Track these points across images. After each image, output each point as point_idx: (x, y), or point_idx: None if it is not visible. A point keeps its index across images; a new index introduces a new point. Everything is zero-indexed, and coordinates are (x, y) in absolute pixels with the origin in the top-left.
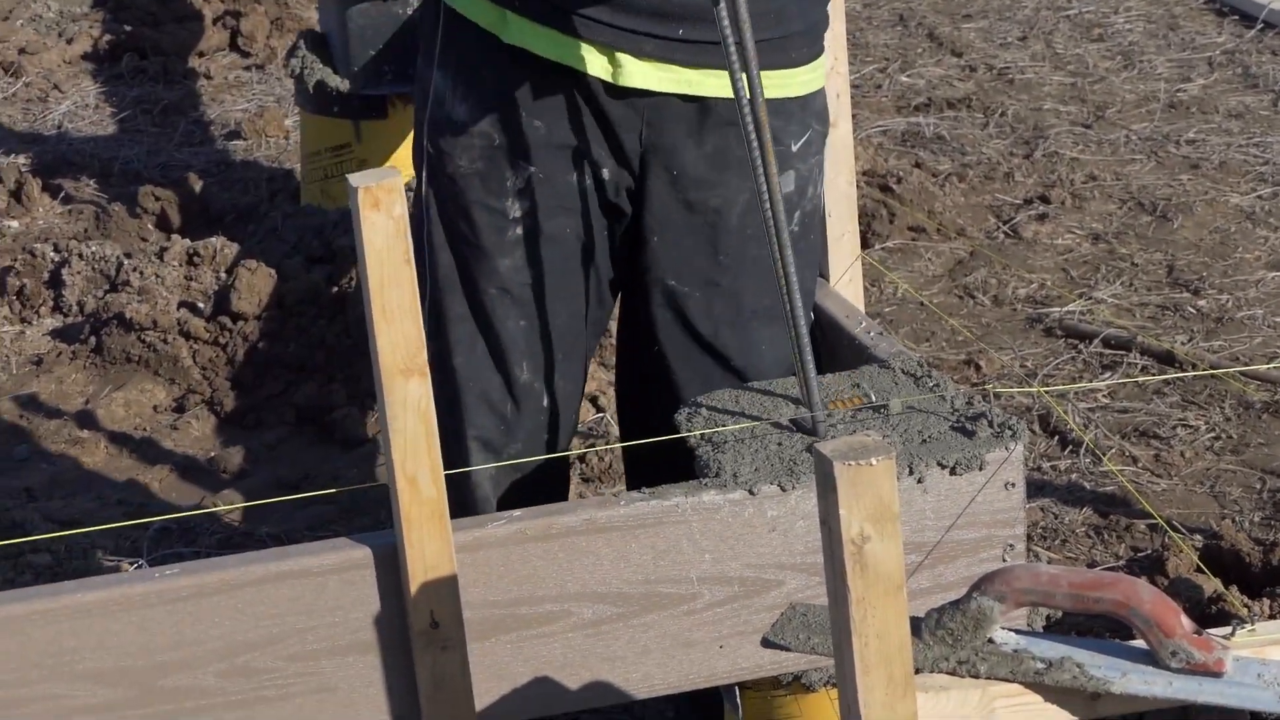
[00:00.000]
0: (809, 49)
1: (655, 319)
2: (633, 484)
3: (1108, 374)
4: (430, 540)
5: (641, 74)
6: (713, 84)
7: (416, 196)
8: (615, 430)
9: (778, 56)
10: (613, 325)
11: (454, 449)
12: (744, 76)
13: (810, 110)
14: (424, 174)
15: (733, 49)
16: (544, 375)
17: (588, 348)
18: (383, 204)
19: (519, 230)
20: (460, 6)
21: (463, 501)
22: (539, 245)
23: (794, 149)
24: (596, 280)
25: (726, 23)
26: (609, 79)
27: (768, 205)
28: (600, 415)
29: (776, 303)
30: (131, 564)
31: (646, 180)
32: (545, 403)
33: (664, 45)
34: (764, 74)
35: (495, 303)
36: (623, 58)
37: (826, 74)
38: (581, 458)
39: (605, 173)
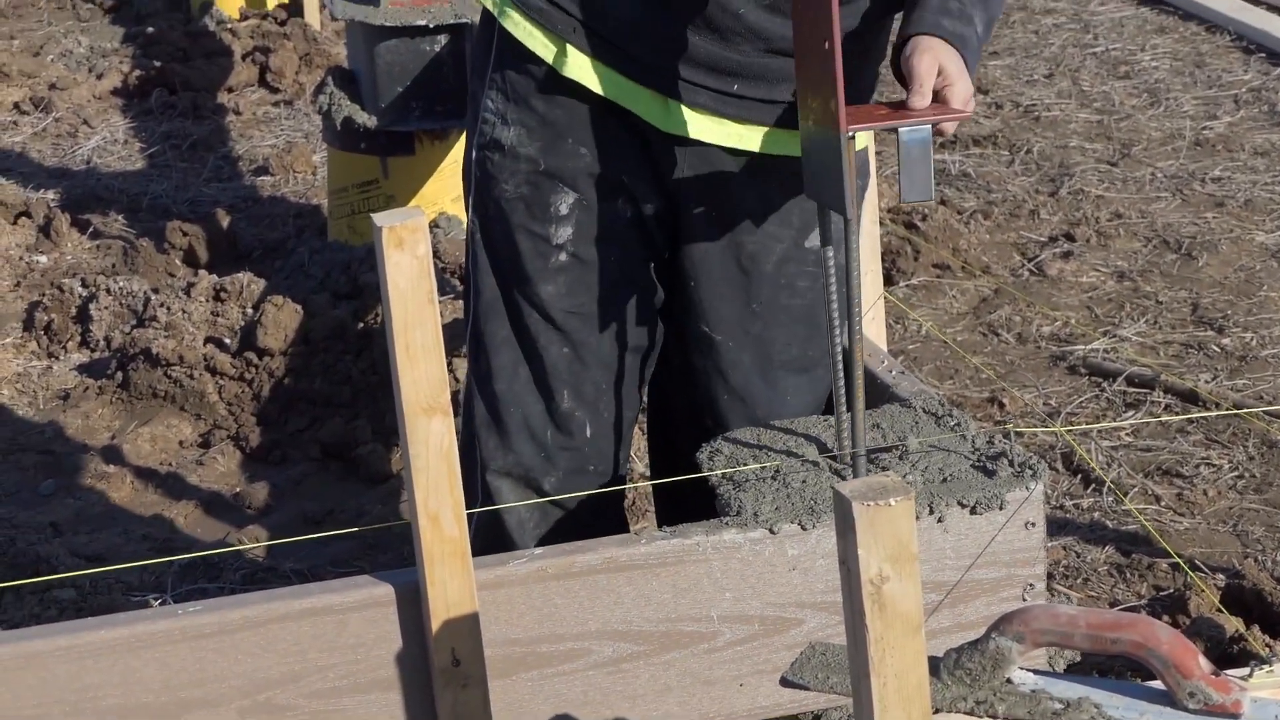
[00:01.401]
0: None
1: (687, 364)
2: (663, 522)
3: (1131, 412)
4: (452, 578)
5: (694, 124)
6: (761, 139)
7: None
8: (639, 467)
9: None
10: None
11: (487, 475)
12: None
13: (868, 162)
14: (471, 197)
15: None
16: (586, 404)
17: (634, 379)
18: (407, 244)
19: (562, 257)
20: (519, 35)
21: (498, 533)
22: (582, 273)
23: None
24: (639, 311)
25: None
26: (661, 126)
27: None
28: None
29: (804, 353)
30: (156, 599)
31: (687, 222)
32: (588, 433)
33: (718, 98)
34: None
35: (538, 329)
36: (676, 105)
37: None
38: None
39: (648, 208)
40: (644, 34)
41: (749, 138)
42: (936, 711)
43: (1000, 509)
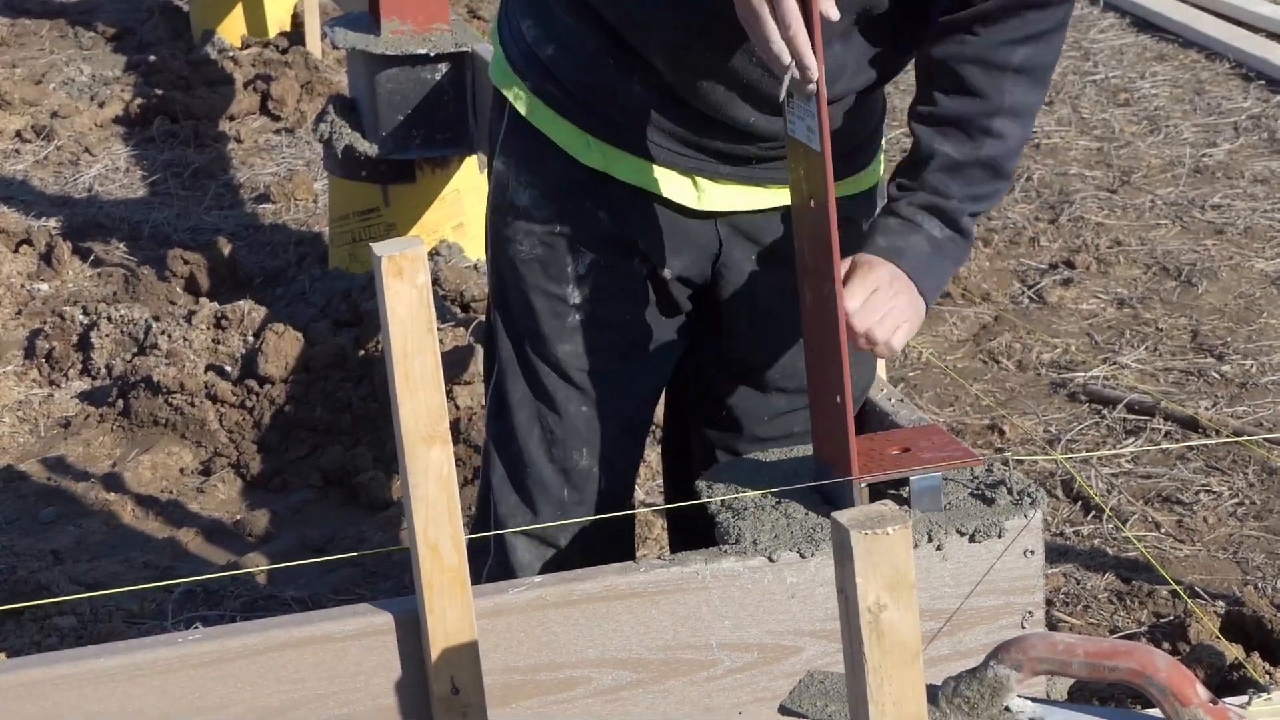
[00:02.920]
0: (873, 148)
1: (721, 405)
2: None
3: (1131, 439)
4: (451, 607)
5: (723, 196)
6: (789, 196)
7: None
8: (639, 494)
9: (863, 157)
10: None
11: (504, 531)
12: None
13: (878, 193)
14: (490, 257)
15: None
16: (602, 460)
17: (648, 428)
18: (406, 273)
19: (578, 317)
20: (537, 122)
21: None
22: (597, 332)
23: (865, 229)
24: (657, 367)
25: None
26: (693, 205)
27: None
28: None
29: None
30: (157, 626)
31: (725, 265)
32: (601, 484)
33: (740, 172)
34: (842, 182)
35: (555, 387)
36: (702, 182)
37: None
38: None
39: (667, 271)
40: (662, 130)
41: (780, 196)
42: None
43: (999, 537)
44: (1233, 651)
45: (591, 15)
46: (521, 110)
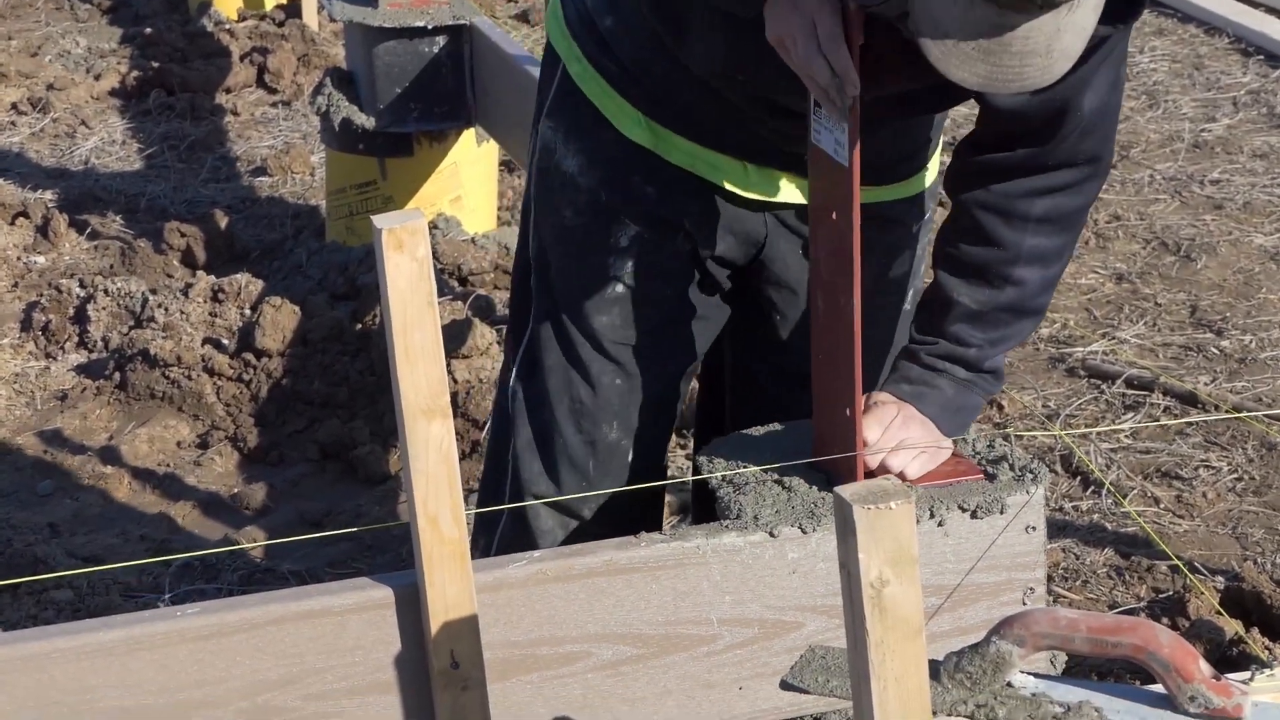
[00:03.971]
0: (926, 155)
1: (758, 392)
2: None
3: (1130, 414)
4: (451, 580)
5: (772, 186)
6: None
7: (521, 241)
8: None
9: (908, 167)
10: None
11: (525, 497)
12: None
13: (931, 195)
14: (531, 221)
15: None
16: (631, 434)
17: (679, 404)
18: (406, 246)
19: (618, 288)
20: (590, 93)
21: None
22: (635, 305)
23: (914, 230)
24: (693, 344)
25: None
26: (741, 190)
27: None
28: None
29: (876, 381)
30: (154, 600)
31: (769, 256)
32: (629, 458)
33: (789, 159)
34: (895, 185)
35: (590, 358)
36: (753, 170)
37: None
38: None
39: (709, 250)
40: (715, 116)
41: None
42: (936, 715)
43: (1001, 513)
44: (1233, 627)
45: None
46: (575, 76)
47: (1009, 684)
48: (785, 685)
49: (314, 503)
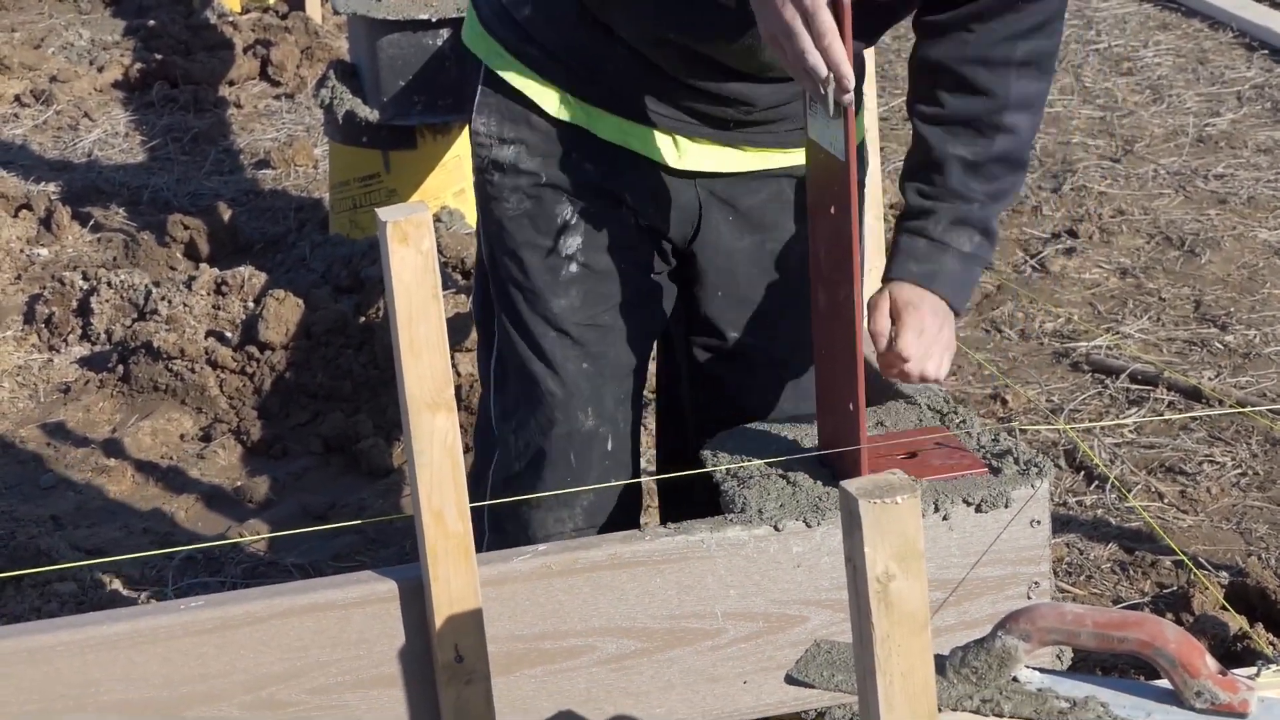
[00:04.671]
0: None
1: (708, 372)
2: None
3: (1134, 409)
4: (456, 574)
5: (703, 156)
6: (770, 158)
7: (477, 262)
8: (641, 462)
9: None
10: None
11: (520, 504)
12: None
13: (863, 151)
14: (479, 224)
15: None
16: (607, 419)
17: (644, 384)
18: (411, 239)
19: (572, 268)
20: (515, 83)
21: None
22: (594, 283)
23: (863, 183)
24: (651, 319)
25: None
26: (672, 163)
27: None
28: None
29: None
30: (157, 593)
31: (704, 230)
32: (609, 446)
33: (720, 134)
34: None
35: (555, 346)
36: (683, 141)
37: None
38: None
39: (652, 223)
40: (642, 91)
41: (758, 159)
42: (941, 710)
43: (1006, 507)
44: (1237, 622)
45: None
46: (498, 70)
47: (1015, 679)
48: (790, 680)
49: (317, 496)
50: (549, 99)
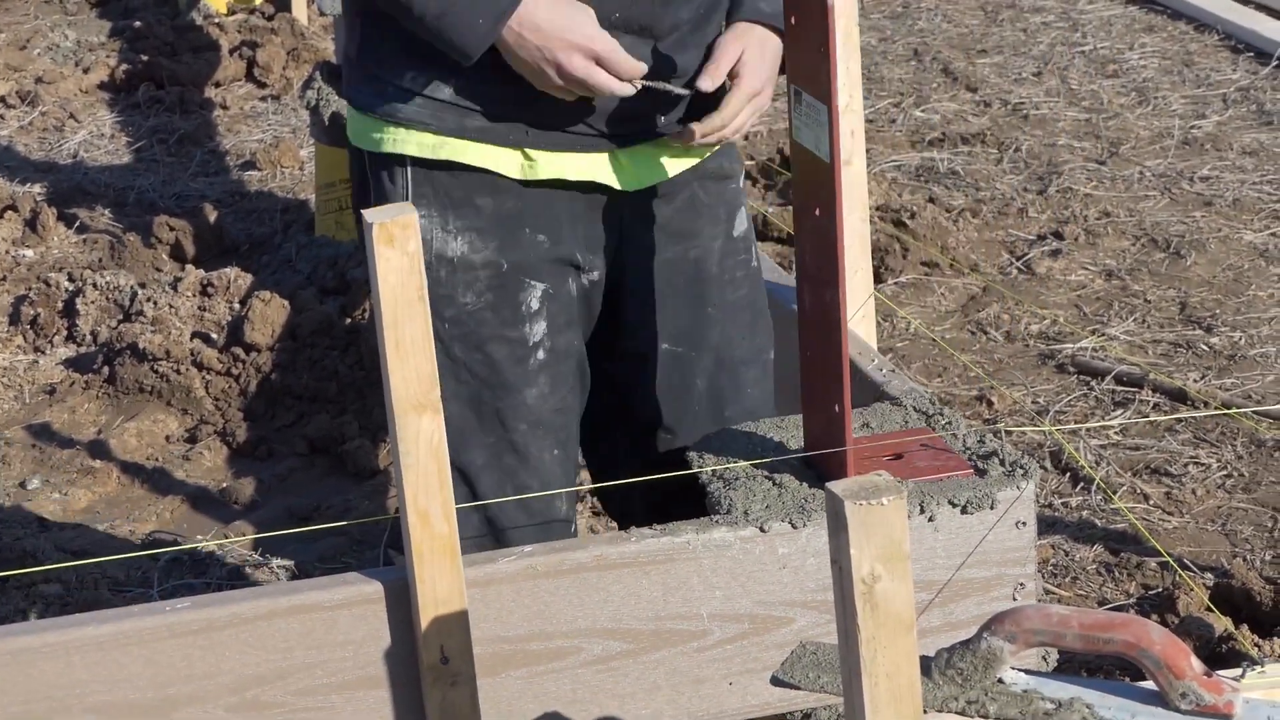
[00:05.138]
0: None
1: (656, 386)
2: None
3: (1119, 411)
4: (441, 575)
5: (644, 167)
6: (684, 162)
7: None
8: None
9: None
10: None
11: None
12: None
13: (736, 148)
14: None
15: None
16: (571, 497)
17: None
18: (397, 240)
19: (540, 355)
20: (471, 160)
21: None
22: (558, 366)
23: (738, 186)
24: (588, 381)
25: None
26: (622, 185)
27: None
28: None
29: (754, 342)
30: (142, 594)
31: (634, 261)
32: (574, 529)
33: (655, 142)
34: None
35: (527, 439)
36: (624, 159)
37: (841, 110)
38: (593, 492)
39: (592, 275)
40: (582, 118)
41: (679, 161)
42: (927, 711)
43: (991, 508)
44: (1222, 623)
45: None
46: (442, 157)
47: (1000, 680)
48: (776, 681)
49: (303, 497)
50: (507, 163)
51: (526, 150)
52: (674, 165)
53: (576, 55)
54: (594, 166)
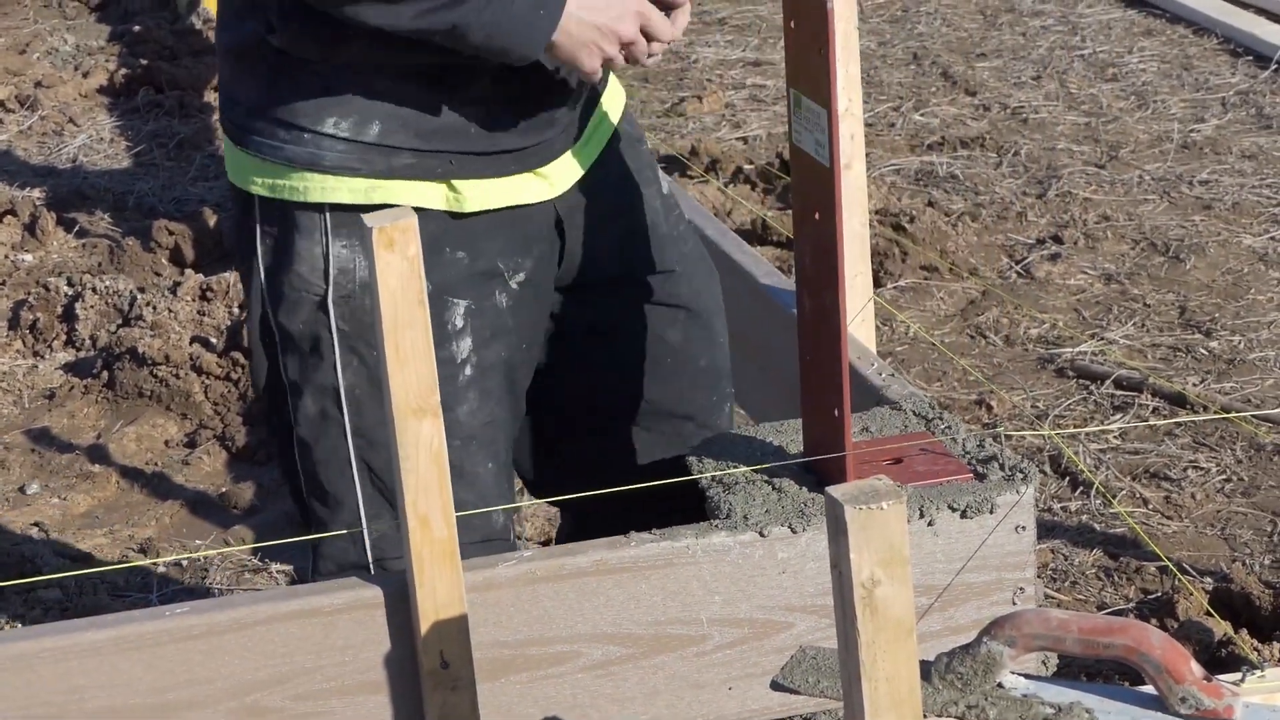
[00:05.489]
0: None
1: (633, 356)
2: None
3: (1119, 415)
4: (441, 580)
5: (562, 175)
6: (600, 142)
7: (285, 399)
8: None
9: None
10: None
11: None
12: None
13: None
14: (336, 362)
15: None
16: (510, 511)
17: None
18: (397, 244)
19: (467, 370)
20: (404, 199)
21: None
22: (485, 380)
23: (648, 146)
24: (521, 389)
25: None
26: (549, 196)
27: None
28: None
29: (718, 295)
30: (142, 599)
31: (577, 248)
32: (512, 536)
33: (573, 141)
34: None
35: (462, 455)
36: (546, 169)
37: (841, 114)
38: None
39: (522, 274)
40: (505, 131)
41: (596, 144)
42: (927, 716)
43: (991, 513)
44: (1221, 628)
45: (409, 74)
46: (375, 201)
47: (1000, 685)
48: (775, 685)
49: None
50: (438, 196)
51: (453, 182)
52: (593, 151)
53: (629, 21)
54: (518, 189)
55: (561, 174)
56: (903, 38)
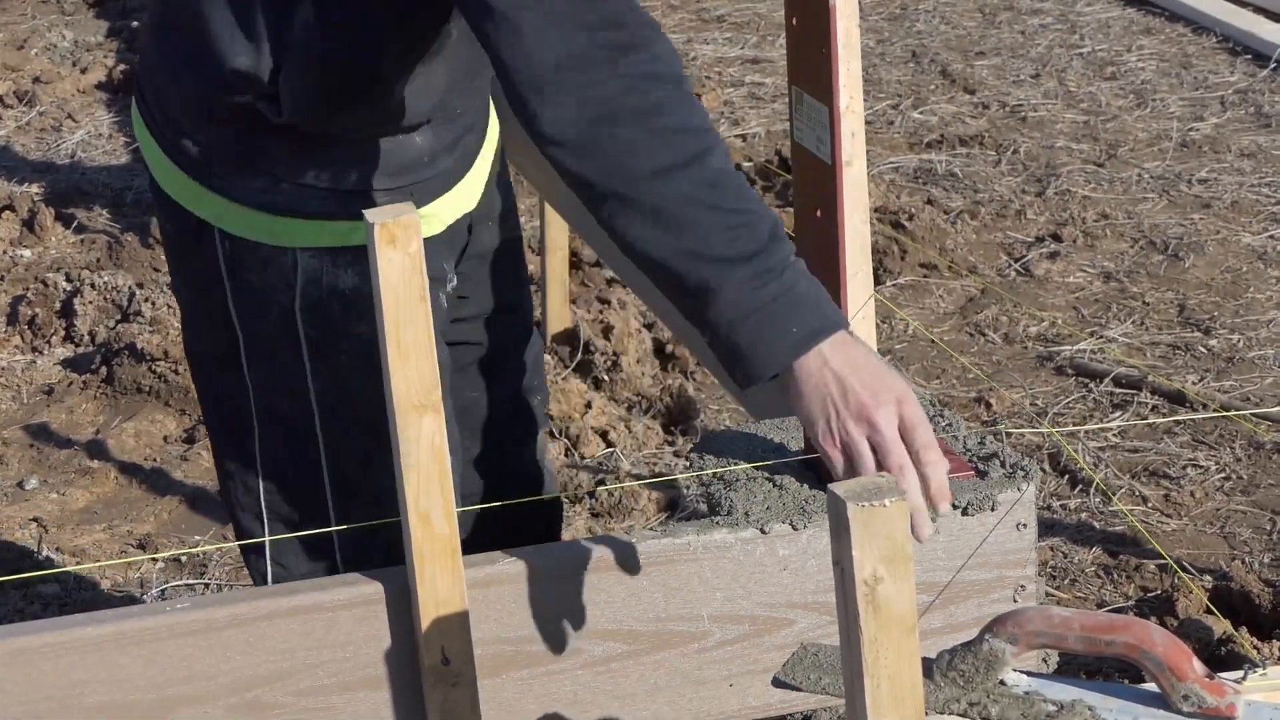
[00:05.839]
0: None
1: (524, 361)
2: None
3: (1118, 413)
4: (442, 576)
5: (474, 183)
6: (490, 152)
7: (252, 400)
8: (625, 465)
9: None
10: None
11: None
12: None
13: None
14: (305, 366)
15: None
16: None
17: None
18: (399, 240)
19: None
20: (359, 240)
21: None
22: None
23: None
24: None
25: None
26: (476, 207)
27: None
28: (610, 450)
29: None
30: (141, 595)
31: (482, 251)
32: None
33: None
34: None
35: None
36: (468, 182)
37: (843, 111)
38: (591, 493)
39: (454, 280)
40: (451, 157)
41: (487, 156)
42: (929, 713)
43: (992, 510)
44: (1221, 626)
45: (378, 117)
46: (354, 243)
47: (1002, 682)
48: (777, 682)
49: None
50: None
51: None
52: (486, 161)
53: (890, 409)
54: (456, 203)
55: (474, 181)
56: (901, 36)
